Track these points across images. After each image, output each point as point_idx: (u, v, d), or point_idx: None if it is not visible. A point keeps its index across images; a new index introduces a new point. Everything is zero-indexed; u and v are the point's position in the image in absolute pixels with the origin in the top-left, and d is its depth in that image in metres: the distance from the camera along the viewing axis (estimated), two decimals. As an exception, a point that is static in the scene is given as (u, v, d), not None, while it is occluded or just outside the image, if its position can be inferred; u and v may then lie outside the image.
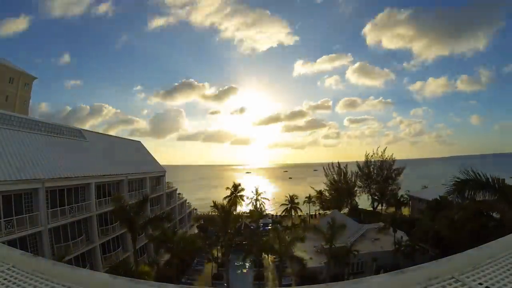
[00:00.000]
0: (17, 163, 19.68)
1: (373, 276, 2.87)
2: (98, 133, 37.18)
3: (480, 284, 2.66)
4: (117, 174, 30.46)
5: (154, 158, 44.99)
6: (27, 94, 45.76)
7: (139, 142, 46.77)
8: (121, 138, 43.96)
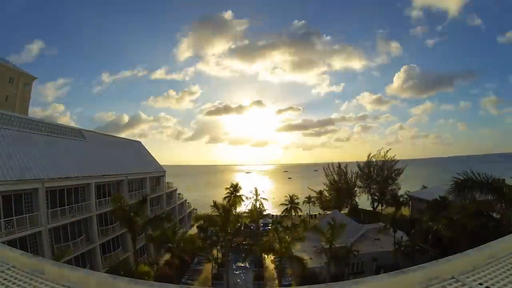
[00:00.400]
0: (17, 163, 19.69)
1: (373, 276, 2.87)
2: (98, 133, 37.17)
3: (480, 284, 2.66)
4: (117, 174, 30.47)
5: (154, 158, 44.99)
6: (27, 94, 45.76)
7: (139, 142, 46.77)
8: (121, 138, 43.95)
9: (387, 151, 54.93)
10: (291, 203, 51.29)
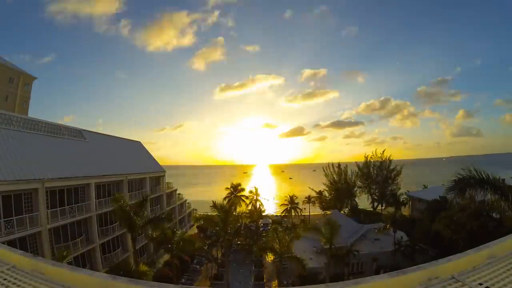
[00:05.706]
0: (17, 163, 19.68)
1: (373, 276, 2.87)
2: (98, 133, 37.14)
3: (480, 284, 2.66)
4: (117, 174, 30.45)
5: (154, 159, 44.98)
6: (27, 94, 45.73)
7: (139, 142, 46.73)
8: (121, 138, 43.89)
9: (383, 151, 55.32)
10: (291, 203, 51.32)
